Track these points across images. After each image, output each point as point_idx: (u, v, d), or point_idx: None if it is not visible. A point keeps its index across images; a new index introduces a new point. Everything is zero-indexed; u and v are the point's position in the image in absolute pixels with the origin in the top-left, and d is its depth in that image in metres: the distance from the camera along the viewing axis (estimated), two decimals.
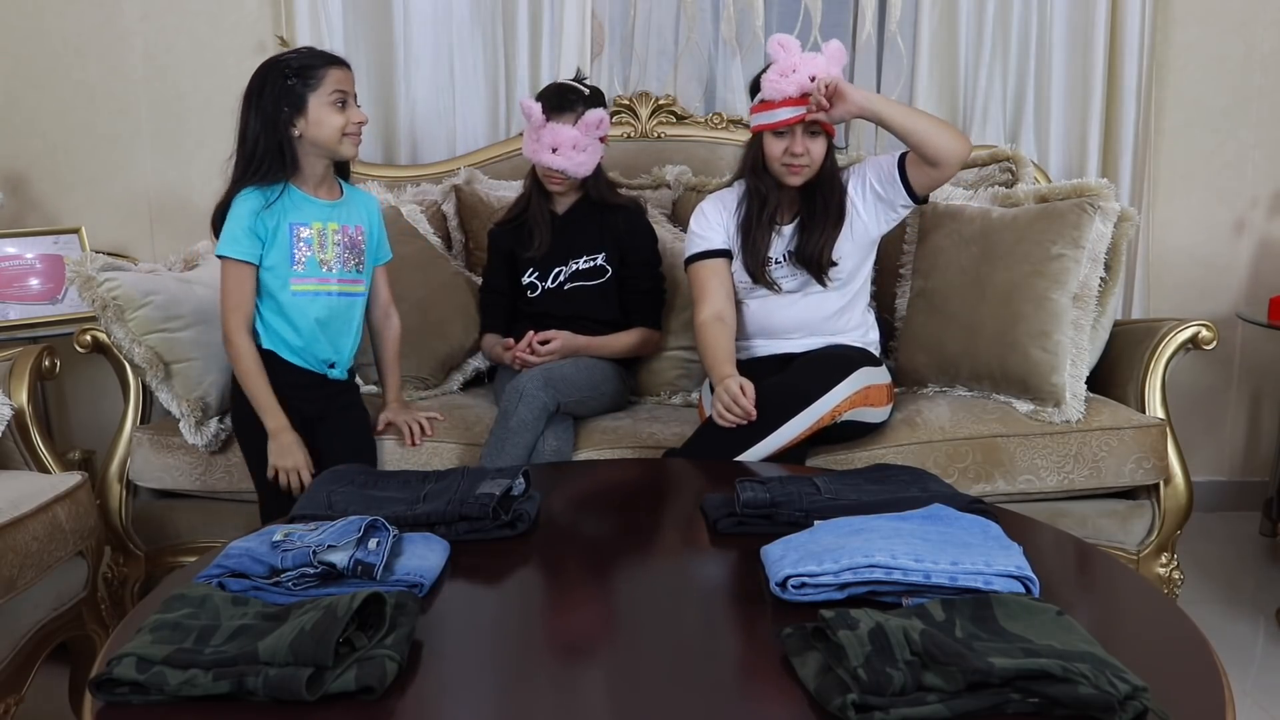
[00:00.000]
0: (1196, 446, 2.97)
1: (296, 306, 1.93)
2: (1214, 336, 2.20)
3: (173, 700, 0.96)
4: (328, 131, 1.88)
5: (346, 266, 1.98)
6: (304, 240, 1.92)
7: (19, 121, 2.94)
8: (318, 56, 1.91)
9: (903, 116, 1.99)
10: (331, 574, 1.19)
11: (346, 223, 1.98)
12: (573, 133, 2.21)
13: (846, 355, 2.05)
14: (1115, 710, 0.88)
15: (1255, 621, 2.42)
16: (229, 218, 1.88)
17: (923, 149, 1.98)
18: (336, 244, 1.96)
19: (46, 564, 1.80)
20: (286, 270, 1.91)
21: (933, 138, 1.97)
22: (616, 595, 1.28)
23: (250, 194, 1.87)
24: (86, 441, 2.93)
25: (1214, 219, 3.03)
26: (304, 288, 1.93)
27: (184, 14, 2.91)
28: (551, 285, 2.35)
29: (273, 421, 1.90)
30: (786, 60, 1.99)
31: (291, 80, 1.86)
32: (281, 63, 1.89)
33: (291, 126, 1.87)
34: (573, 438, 2.12)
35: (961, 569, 1.13)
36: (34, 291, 2.67)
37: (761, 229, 2.11)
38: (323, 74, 1.88)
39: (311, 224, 1.93)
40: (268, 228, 1.89)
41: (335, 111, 1.88)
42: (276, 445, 1.90)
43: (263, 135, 1.87)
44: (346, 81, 1.91)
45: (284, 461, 1.90)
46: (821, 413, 1.93)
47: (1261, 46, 2.94)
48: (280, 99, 1.86)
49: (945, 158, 1.98)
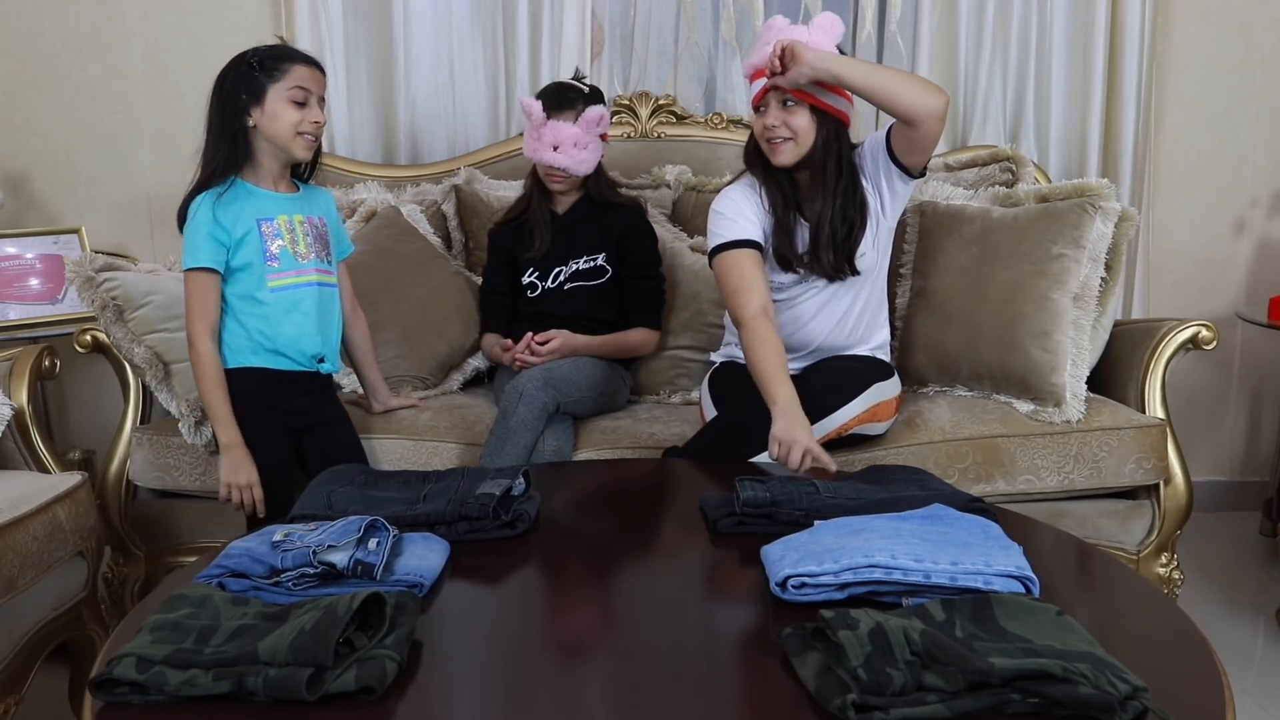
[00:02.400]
0: (1196, 446, 2.97)
1: (278, 303, 1.89)
2: (1214, 336, 2.20)
3: (173, 700, 0.96)
4: (280, 126, 1.83)
5: (320, 257, 1.95)
6: (274, 234, 1.88)
7: (19, 121, 2.94)
8: (288, 51, 1.87)
9: (864, 74, 1.83)
10: (331, 574, 1.19)
11: (309, 214, 1.95)
12: (573, 130, 2.22)
13: (859, 372, 1.99)
14: (1115, 710, 0.88)
15: (1255, 621, 2.42)
16: (189, 227, 1.83)
17: (891, 107, 1.84)
18: (305, 234, 1.92)
19: (46, 564, 1.80)
20: (261, 267, 1.87)
21: (900, 92, 1.82)
22: (616, 595, 1.28)
23: (205, 199, 1.83)
24: (86, 441, 2.93)
25: (1214, 219, 3.03)
26: (282, 282, 1.89)
27: (184, 14, 2.91)
28: (552, 285, 2.35)
29: (226, 435, 1.84)
30: (764, 36, 1.94)
31: (254, 70, 1.82)
32: (249, 52, 1.85)
33: (247, 115, 1.83)
34: (573, 438, 2.12)
35: (961, 569, 1.13)
36: (34, 291, 2.67)
37: (791, 212, 2.00)
38: (287, 68, 1.83)
39: (277, 217, 1.89)
40: (229, 231, 1.84)
41: (292, 107, 1.83)
42: (230, 461, 1.84)
43: (218, 123, 1.84)
44: (312, 81, 1.86)
45: (237, 478, 1.83)
46: (827, 430, 1.90)
47: (1261, 46, 2.94)
48: (240, 86, 1.82)
49: (917, 112, 1.82)
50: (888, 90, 1.83)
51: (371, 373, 2.17)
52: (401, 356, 2.34)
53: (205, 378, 1.84)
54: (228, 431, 1.84)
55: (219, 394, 1.84)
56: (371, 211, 2.55)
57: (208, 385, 1.84)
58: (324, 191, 2.07)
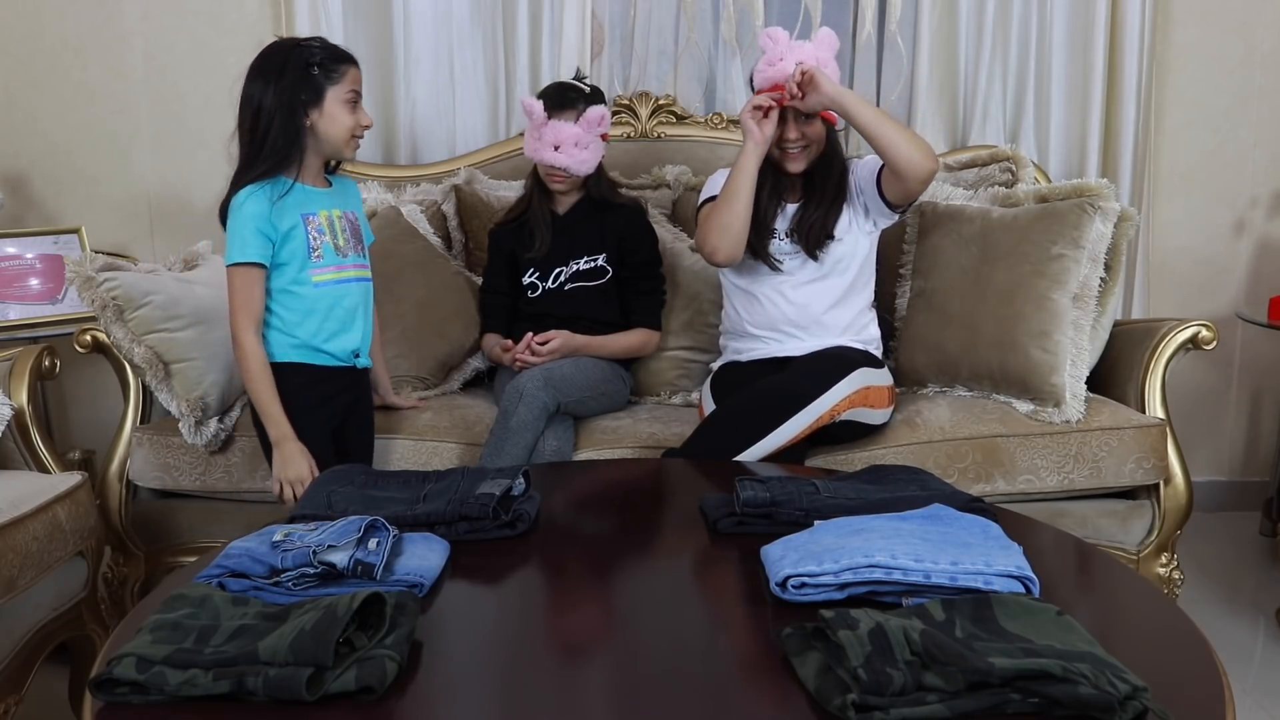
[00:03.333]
0: (1196, 446, 2.97)
1: (323, 298, 1.88)
2: (1214, 336, 2.20)
3: (173, 700, 0.96)
4: (338, 129, 1.84)
5: (357, 251, 1.95)
6: (317, 229, 1.87)
7: (19, 121, 2.94)
8: (339, 51, 1.86)
9: (871, 117, 1.98)
10: (331, 574, 1.19)
11: (345, 209, 1.95)
12: (575, 130, 2.22)
13: (846, 356, 2.05)
14: (1115, 710, 0.88)
15: (1255, 621, 2.42)
16: (236, 220, 1.81)
17: (885, 154, 1.99)
18: (343, 229, 1.93)
19: (46, 564, 1.80)
20: (306, 263, 1.86)
21: (897, 146, 1.96)
22: (616, 595, 1.28)
23: (256, 194, 1.81)
24: (86, 441, 2.93)
25: (1214, 219, 3.03)
26: (325, 277, 1.88)
27: (184, 14, 2.91)
28: (552, 285, 2.35)
29: (276, 430, 1.83)
30: (774, 50, 2.03)
31: (314, 69, 1.81)
32: (305, 49, 1.83)
33: (305, 115, 1.83)
34: (573, 438, 2.12)
35: (961, 569, 1.13)
36: (34, 291, 2.67)
37: (768, 201, 2.14)
38: (344, 70, 1.84)
39: (319, 213, 1.88)
40: (277, 227, 1.83)
41: (348, 111, 1.85)
42: (281, 455, 1.82)
43: (277, 118, 1.80)
44: (360, 82, 1.88)
45: (289, 473, 1.81)
46: (820, 412, 1.93)
47: (1261, 46, 2.94)
48: (299, 85, 1.80)
49: (908, 169, 1.98)
50: (888, 139, 1.97)
51: (380, 367, 2.17)
52: (401, 356, 2.34)
53: (252, 373, 1.83)
54: (278, 426, 1.83)
55: (268, 387, 1.83)
56: (371, 212, 2.55)
57: (256, 380, 1.83)
58: (351, 183, 2.08)
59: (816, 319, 2.15)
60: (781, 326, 2.17)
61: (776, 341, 2.17)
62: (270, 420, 1.84)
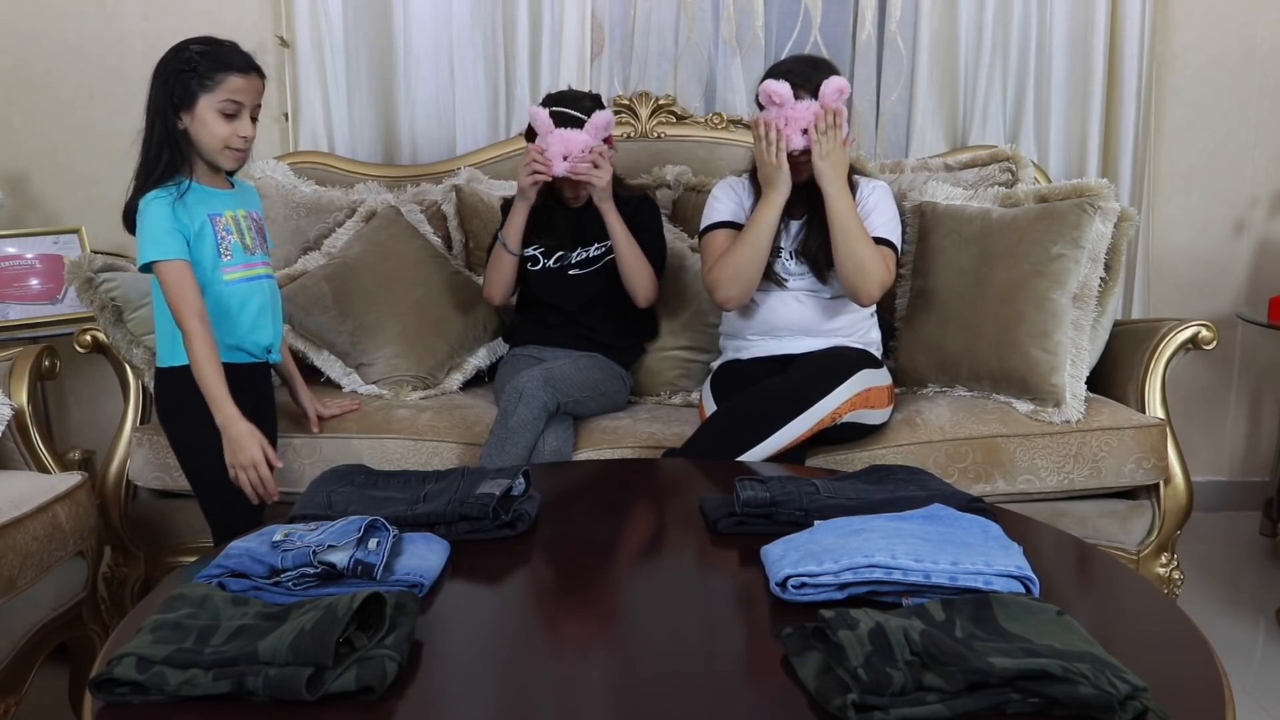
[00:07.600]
0: (1196, 446, 2.97)
1: (234, 296, 1.86)
2: (1214, 336, 2.20)
3: (173, 700, 0.96)
4: (208, 137, 1.80)
5: (263, 250, 1.95)
6: (224, 228, 1.86)
7: (19, 121, 2.94)
8: (227, 57, 1.82)
9: (844, 216, 2.01)
10: (331, 574, 1.19)
11: (248, 209, 1.95)
12: (583, 137, 2.19)
13: (847, 357, 2.05)
14: (1115, 710, 0.88)
15: (1255, 621, 2.43)
16: (144, 224, 1.77)
17: (838, 256, 2.03)
18: (249, 228, 1.92)
19: (46, 564, 1.80)
20: (216, 262, 1.84)
21: (851, 256, 2.01)
22: (616, 595, 1.28)
23: (160, 196, 1.78)
24: (86, 441, 2.93)
25: (1214, 219, 3.03)
26: (235, 275, 1.87)
27: (184, 14, 2.91)
28: (554, 265, 2.35)
29: (221, 414, 1.76)
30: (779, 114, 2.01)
31: (188, 74, 1.78)
32: (185, 52, 1.79)
33: (178, 120, 1.80)
34: (573, 438, 2.12)
35: (961, 569, 1.13)
36: (34, 291, 2.67)
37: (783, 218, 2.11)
38: (221, 79, 1.79)
39: (224, 212, 1.87)
40: (186, 225, 1.80)
41: (222, 120, 1.79)
42: (230, 441, 1.76)
43: (157, 120, 1.80)
44: (247, 93, 1.81)
45: (240, 458, 1.76)
46: (822, 415, 1.93)
47: (1261, 46, 2.94)
48: (172, 89, 1.78)
49: (852, 284, 2.03)
50: (848, 245, 2.02)
51: (291, 365, 2.15)
52: (401, 356, 2.34)
53: (204, 353, 1.76)
54: (222, 410, 1.76)
55: (217, 369, 1.77)
56: (371, 211, 2.56)
57: (207, 361, 1.76)
58: (251, 188, 2.06)
59: (817, 327, 2.16)
60: (780, 334, 2.17)
61: (776, 340, 2.18)
62: (218, 403, 1.77)
